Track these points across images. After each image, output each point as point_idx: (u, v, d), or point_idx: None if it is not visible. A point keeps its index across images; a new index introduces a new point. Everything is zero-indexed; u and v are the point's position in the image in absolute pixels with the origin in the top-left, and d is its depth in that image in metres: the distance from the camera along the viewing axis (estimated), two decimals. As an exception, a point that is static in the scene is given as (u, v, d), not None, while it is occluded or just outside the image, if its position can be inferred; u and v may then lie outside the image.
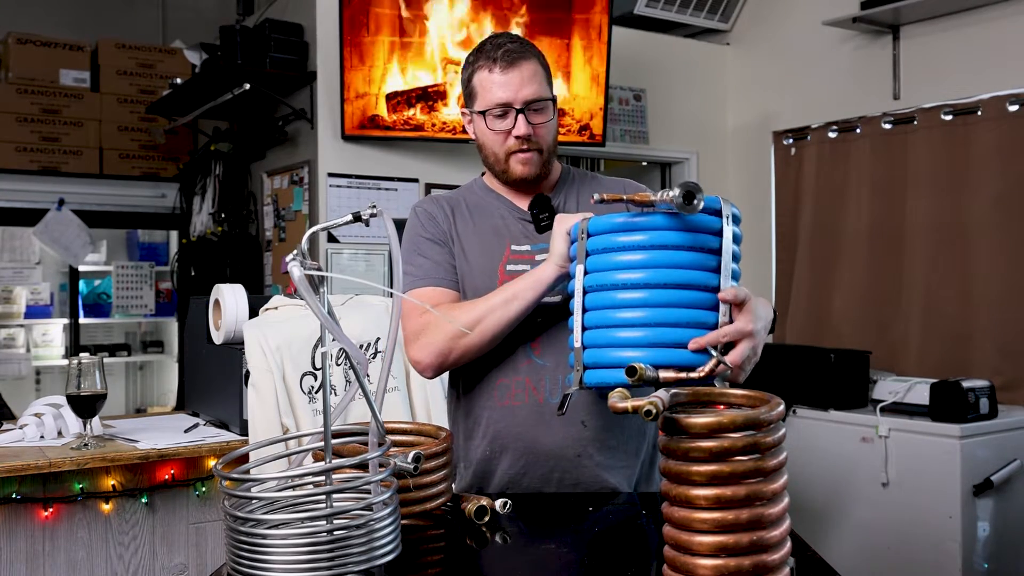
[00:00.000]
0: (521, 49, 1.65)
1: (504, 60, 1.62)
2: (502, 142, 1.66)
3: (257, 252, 4.29)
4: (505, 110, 1.63)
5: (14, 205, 4.63)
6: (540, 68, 1.66)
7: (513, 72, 1.62)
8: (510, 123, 1.63)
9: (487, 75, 1.64)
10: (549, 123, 1.67)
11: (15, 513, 2.32)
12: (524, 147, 1.65)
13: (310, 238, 1.08)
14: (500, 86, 1.62)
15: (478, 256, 1.69)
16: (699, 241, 1.32)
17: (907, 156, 3.92)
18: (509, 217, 1.72)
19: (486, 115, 1.65)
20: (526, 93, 1.62)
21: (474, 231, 1.71)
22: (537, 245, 1.67)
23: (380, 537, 1.08)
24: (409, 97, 3.74)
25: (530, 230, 1.69)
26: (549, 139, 1.68)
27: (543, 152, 1.67)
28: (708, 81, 4.82)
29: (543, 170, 1.69)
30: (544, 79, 1.66)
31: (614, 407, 1.09)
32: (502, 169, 1.69)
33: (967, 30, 3.81)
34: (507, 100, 1.62)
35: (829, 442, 3.38)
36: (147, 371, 5.67)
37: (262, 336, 2.45)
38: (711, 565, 0.99)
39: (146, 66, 4.95)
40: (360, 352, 1.08)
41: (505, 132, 1.64)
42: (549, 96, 1.66)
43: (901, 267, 3.93)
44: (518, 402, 1.64)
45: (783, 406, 1.06)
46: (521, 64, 1.63)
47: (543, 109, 1.65)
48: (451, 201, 1.77)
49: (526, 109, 1.62)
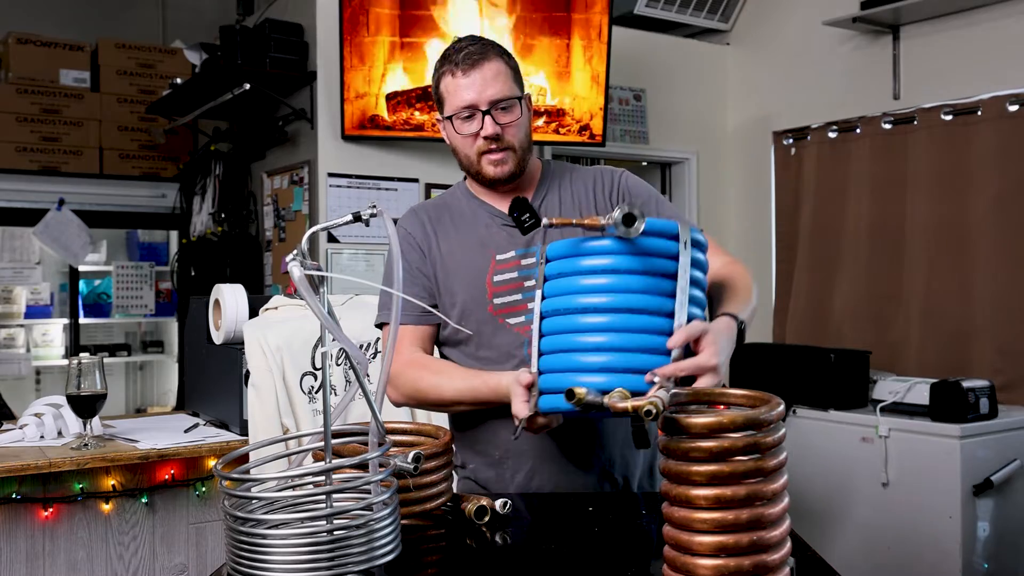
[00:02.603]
0: (482, 51, 1.63)
1: (465, 63, 1.62)
2: (471, 144, 1.65)
3: (257, 252, 4.29)
4: (471, 112, 1.62)
5: (14, 205, 4.63)
6: (504, 67, 1.65)
7: (475, 73, 1.61)
8: (477, 125, 1.63)
9: (451, 79, 1.64)
10: (518, 121, 1.65)
11: (15, 513, 2.32)
12: (493, 147, 1.64)
13: (310, 238, 1.08)
14: (464, 88, 1.62)
15: (464, 269, 1.68)
16: (656, 266, 1.29)
17: (907, 156, 3.92)
18: (493, 225, 1.71)
19: (453, 119, 1.64)
20: (490, 93, 1.61)
21: (459, 244, 1.71)
22: (521, 250, 1.67)
23: (380, 537, 1.08)
24: (409, 97, 3.74)
25: (515, 235, 1.68)
26: (520, 136, 1.67)
27: (515, 151, 1.66)
28: (708, 81, 4.82)
29: (518, 168, 1.67)
30: (510, 77, 1.65)
31: (614, 407, 1.09)
32: (476, 172, 1.68)
33: (967, 30, 3.81)
34: (471, 102, 1.61)
35: (829, 442, 3.38)
36: (147, 371, 5.67)
37: (262, 336, 2.45)
38: (711, 565, 0.99)
39: (146, 66, 4.95)
40: (360, 352, 1.08)
41: (473, 135, 1.64)
42: (516, 95, 1.65)
43: (901, 267, 3.92)
44: None
45: (783, 406, 1.06)
46: (483, 65, 1.62)
47: (510, 108, 1.63)
48: (435, 211, 1.76)
49: (492, 109, 1.61)
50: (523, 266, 1.65)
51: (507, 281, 1.65)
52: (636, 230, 1.24)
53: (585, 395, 1.13)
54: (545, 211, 1.71)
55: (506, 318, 1.65)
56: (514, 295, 1.65)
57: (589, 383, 1.19)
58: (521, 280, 1.65)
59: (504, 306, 1.65)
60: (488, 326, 1.65)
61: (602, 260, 1.30)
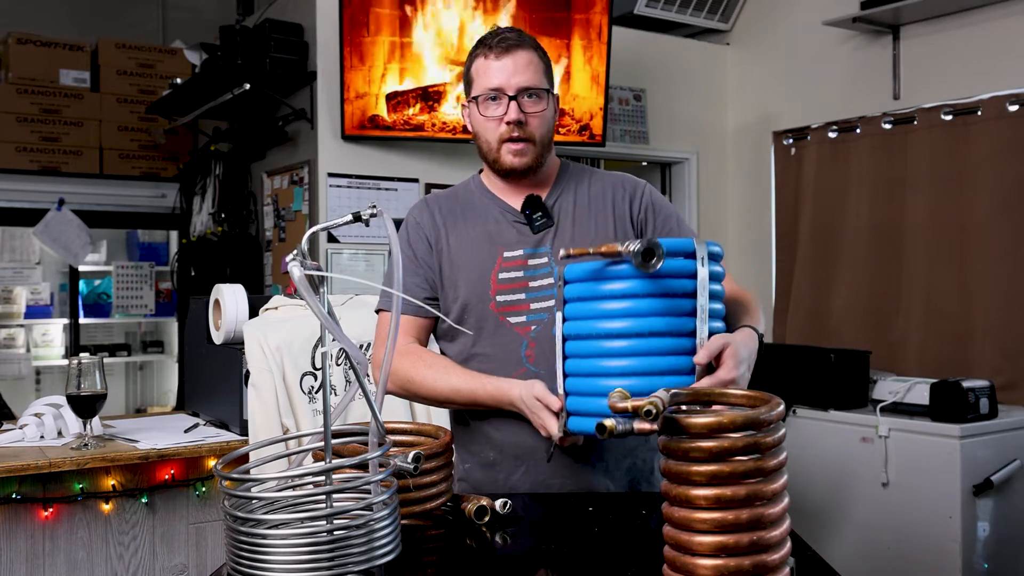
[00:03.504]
0: (518, 39, 1.65)
1: (500, 47, 1.63)
2: (494, 128, 1.65)
3: (257, 252, 4.29)
4: (498, 94, 1.62)
5: (14, 205, 4.63)
6: (537, 59, 1.65)
7: (507, 59, 1.62)
8: (502, 109, 1.62)
9: (483, 61, 1.64)
10: (543, 113, 1.65)
11: (15, 513, 2.32)
12: (516, 134, 1.63)
13: (310, 238, 1.08)
14: (495, 71, 1.62)
15: (470, 264, 1.68)
16: (675, 287, 1.31)
17: (907, 156, 3.92)
18: (503, 220, 1.70)
19: (479, 100, 1.64)
20: (519, 79, 1.62)
21: (467, 237, 1.70)
22: (529, 249, 1.66)
23: (380, 537, 1.08)
24: (409, 97, 3.74)
25: (525, 232, 1.68)
26: (543, 130, 1.66)
27: (535, 143, 1.65)
28: (708, 81, 4.82)
29: (536, 162, 1.67)
30: (541, 70, 1.65)
31: (614, 407, 1.09)
32: (494, 159, 1.67)
33: (967, 30, 3.81)
34: (499, 85, 1.62)
35: (829, 442, 3.38)
36: (147, 371, 5.67)
37: (262, 336, 2.45)
38: (711, 565, 0.99)
39: (146, 66, 4.95)
40: (360, 352, 1.08)
41: (497, 119, 1.63)
42: (544, 86, 1.65)
43: (901, 267, 3.92)
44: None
45: (783, 406, 1.06)
46: (516, 52, 1.63)
47: (537, 99, 1.63)
48: (447, 203, 1.76)
49: (519, 96, 1.61)
50: (530, 266, 1.64)
51: (512, 279, 1.64)
52: (654, 266, 1.26)
53: (615, 427, 1.17)
54: (558, 211, 1.70)
55: (507, 316, 1.64)
56: (518, 294, 1.64)
57: None
58: (526, 280, 1.64)
59: (506, 304, 1.64)
60: (489, 323, 1.65)
61: (621, 284, 1.32)
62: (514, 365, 1.62)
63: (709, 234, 4.74)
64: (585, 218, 1.70)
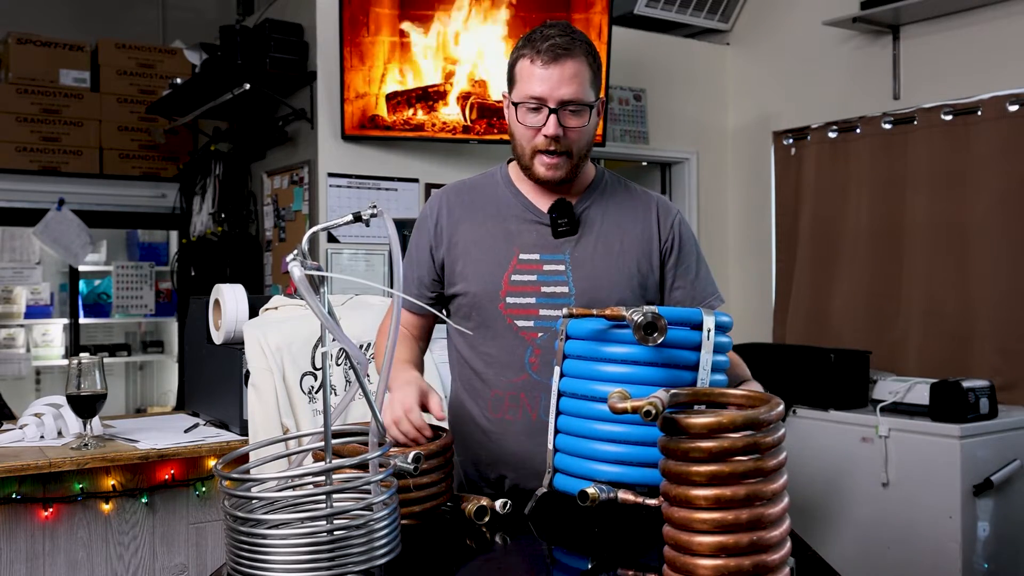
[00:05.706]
0: (568, 45, 1.55)
1: (548, 54, 1.54)
2: (531, 137, 1.59)
3: (257, 252, 4.29)
4: (539, 105, 1.56)
5: (14, 205, 4.63)
6: (586, 68, 1.57)
7: (554, 68, 1.54)
8: (541, 120, 1.56)
9: (528, 65, 1.57)
10: (583, 128, 1.59)
11: (15, 513, 2.32)
12: (551, 148, 1.58)
13: (310, 238, 1.09)
14: (539, 80, 1.55)
15: (483, 259, 1.65)
16: (678, 358, 1.29)
17: (907, 156, 3.92)
18: (524, 219, 1.66)
19: (519, 106, 1.58)
20: (563, 93, 1.55)
21: (484, 232, 1.66)
22: (546, 255, 1.63)
23: (380, 537, 1.08)
24: (409, 97, 3.74)
25: (544, 235, 1.64)
26: (581, 144, 1.61)
27: (572, 156, 1.60)
28: (708, 81, 4.82)
29: (569, 175, 1.62)
30: (587, 80, 1.58)
31: (613, 408, 1.09)
32: (526, 165, 1.63)
33: (967, 30, 3.80)
34: (542, 95, 1.55)
35: (829, 442, 3.38)
36: (147, 371, 5.67)
37: (262, 336, 2.45)
38: (711, 565, 0.99)
39: (146, 66, 4.96)
40: (360, 352, 1.08)
41: (535, 129, 1.58)
42: (589, 101, 1.58)
43: (901, 267, 3.92)
44: (511, 416, 1.61)
45: (783, 406, 1.07)
46: (565, 62, 1.54)
47: (579, 112, 1.57)
48: (468, 194, 1.72)
49: (560, 109, 1.55)
50: (545, 271, 1.61)
51: (525, 283, 1.62)
52: (655, 340, 1.24)
53: (598, 496, 1.17)
54: (586, 221, 1.66)
55: (515, 319, 1.62)
56: (528, 298, 1.61)
57: (603, 471, 1.26)
58: (539, 284, 1.61)
59: (516, 307, 1.62)
60: (496, 322, 1.63)
61: (622, 349, 1.30)
62: (517, 370, 1.61)
63: (709, 234, 4.74)
64: (610, 233, 1.66)
